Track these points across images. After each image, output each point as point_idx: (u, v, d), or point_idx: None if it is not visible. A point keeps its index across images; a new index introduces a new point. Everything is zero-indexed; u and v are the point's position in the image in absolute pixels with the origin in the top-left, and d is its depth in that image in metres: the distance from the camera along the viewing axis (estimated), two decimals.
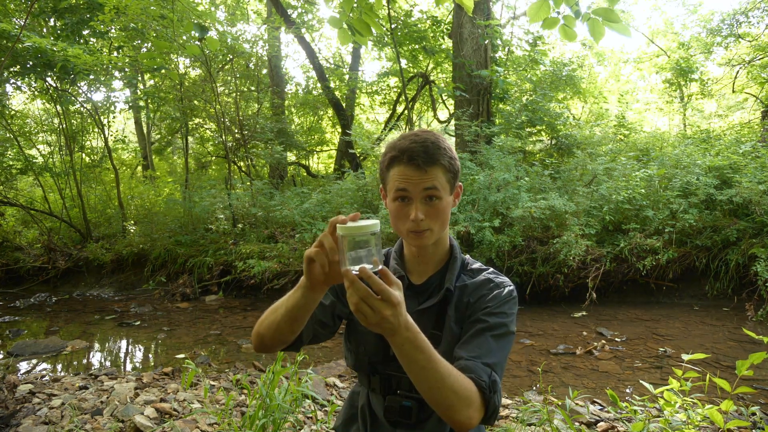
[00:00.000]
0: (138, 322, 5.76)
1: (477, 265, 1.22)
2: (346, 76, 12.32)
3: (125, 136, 13.29)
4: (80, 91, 9.44)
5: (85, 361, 4.52)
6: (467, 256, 1.25)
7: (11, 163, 9.71)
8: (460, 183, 1.17)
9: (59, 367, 4.30)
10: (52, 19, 8.67)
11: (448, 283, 1.15)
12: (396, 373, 1.15)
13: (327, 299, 1.20)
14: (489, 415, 1.00)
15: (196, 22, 5.34)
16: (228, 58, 9.92)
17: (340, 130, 12.17)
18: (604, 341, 4.61)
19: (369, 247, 0.90)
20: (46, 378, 3.72)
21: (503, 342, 1.08)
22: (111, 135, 10.76)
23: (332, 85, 11.72)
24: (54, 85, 8.99)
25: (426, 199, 1.08)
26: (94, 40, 9.14)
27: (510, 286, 1.15)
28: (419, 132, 1.12)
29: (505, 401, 3.19)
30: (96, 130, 10.47)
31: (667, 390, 2.07)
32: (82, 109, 9.82)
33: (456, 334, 1.12)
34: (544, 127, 9.24)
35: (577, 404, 2.89)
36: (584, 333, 4.95)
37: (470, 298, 1.14)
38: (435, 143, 1.08)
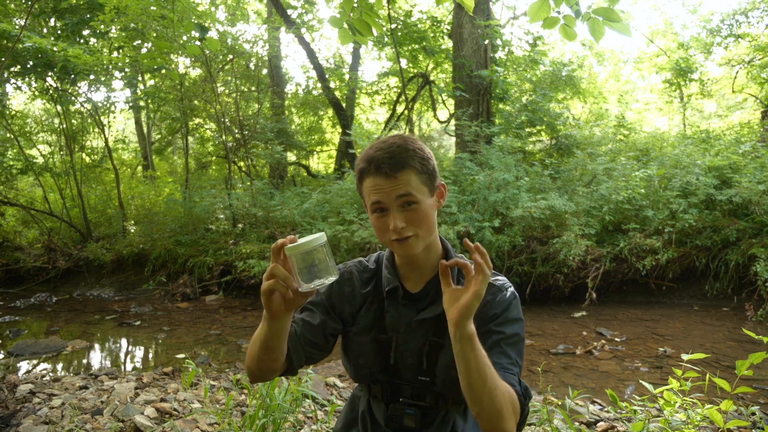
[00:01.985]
0: (138, 322, 5.76)
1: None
2: (346, 76, 12.32)
3: (125, 136, 13.31)
4: (80, 91, 9.44)
5: (85, 361, 4.53)
6: (462, 257, 1.22)
7: (11, 163, 9.72)
8: (442, 182, 1.12)
9: (59, 367, 4.30)
10: (52, 20, 8.67)
11: None
12: (397, 381, 1.14)
13: (315, 319, 1.15)
14: (521, 422, 1.00)
15: (196, 22, 5.35)
16: (228, 58, 9.92)
17: (340, 130, 12.17)
18: (604, 341, 4.61)
19: (321, 260, 0.88)
20: (47, 378, 3.72)
21: (519, 348, 1.07)
22: (111, 135, 10.77)
23: (332, 85, 11.72)
24: (54, 85, 8.98)
25: (403, 205, 1.03)
26: (95, 41, 9.14)
27: (510, 286, 1.14)
28: (387, 138, 1.07)
29: None
30: (96, 130, 10.47)
31: (667, 390, 2.08)
32: (82, 109, 9.83)
33: None
34: (544, 127, 9.24)
35: (577, 404, 2.89)
36: (584, 333, 4.95)
37: None
38: (402, 146, 1.03)
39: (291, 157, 13.05)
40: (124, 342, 5.24)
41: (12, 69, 7.98)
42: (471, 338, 0.91)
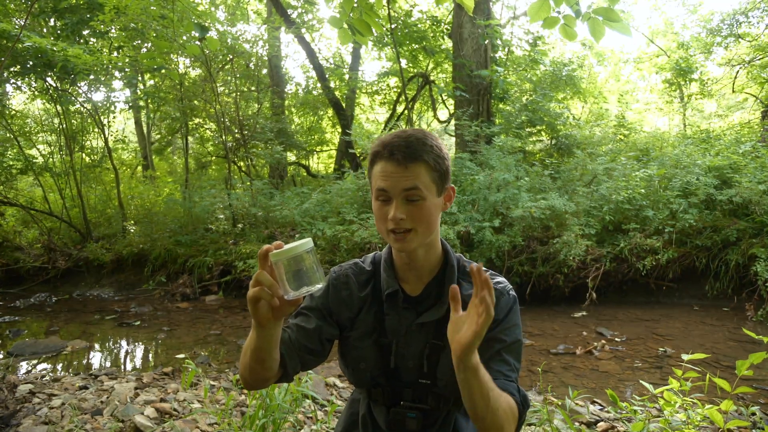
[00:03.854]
0: (138, 322, 5.76)
1: None
2: (346, 76, 12.31)
3: (125, 136, 13.29)
4: (80, 91, 9.44)
5: (85, 361, 4.52)
6: (460, 256, 1.20)
7: (11, 163, 9.71)
8: (452, 185, 1.10)
9: (59, 367, 4.30)
10: (52, 19, 8.67)
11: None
12: (398, 384, 1.13)
13: (310, 323, 1.12)
14: (518, 427, 1.01)
15: (196, 22, 5.35)
16: (228, 58, 9.92)
17: (340, 130, 12.17)
18: (604, 341, 4.61)
19: (308, 266, 0.86)
20: (46, 378, 3.72)
21: (518, 352, 1.08)
22: (111, 135, 10.76)
23: (332, 85, 11.72)
24: (54, 85, 8.98)
25: (407, 198, 1.01)
26: (94, 40, 9.14)
27: (510, 289, 1.13)
28: (408, 129, 1.06)
29: None
30: (96, 130, 10.47)
31: (667, 390, 2.07)
32: (82, 109, 9.82)
33: None
34: (544, 127, 9.25)
35: (577, 404, 2.89)
36: (584, 333, 4.95)
37: None
38: (420, 139, 1.02)
39: (291, 157, 13.05)
40: (124, 342, 5.24)
41: (12, 69, 7.97)
42: (475, 369, 0.90)
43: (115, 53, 9.36)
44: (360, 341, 1.15)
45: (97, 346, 5.04)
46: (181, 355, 4.47)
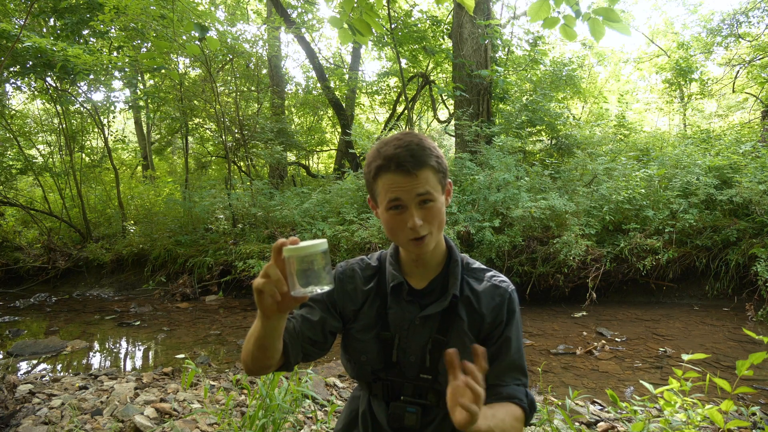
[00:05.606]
0: (138, 322, 5.76)
1: (477, 264, 1.20)
2: (346, 76, 12.32)
3: (125, 136, 13.30)
4: (80, 91, 9.44)
5: (85, 361, 4.52)
6: (465, 255, 1.22)
7: (11, 163, 9.72)
8: (450, 180, 1.14)
9: (59, 367, 4.30)
10: (52, 19, 8.67)
11: (453, 289, 1.12)
12: (398, 379, 1.14)
13: (315, 315, 1.14)
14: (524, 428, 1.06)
15: (196, 22, 5.34)
16: (228, 58, 9.92)
17: (340, 130, 12.17)
18: (604, 341, 4.61)
19: (318, 267, 0.87)
20: (46, 378, 3.72)
21: (523, 350, 1.12)
22: (111, 135, 10.76)
23: (332, 85, 11.72)
24: (54, 85, 8.99)
25: (420, 204, 1.04)
26: (94, 40, 9.14)
27: (511, 287, 1.15)
28: (400, 135, 1.07)
29: None
30: (96, 130, 10.48)
31: (667, 390, 2.07)
32: (82, 109, 9.83)
33: (471, 340, 1.11)
34: (544, 127, 9.24)
35: (577, 404, 2.89)
36: (584, 333, 4.95)
37: (482, 308, 1.12)
38: (420, 144, 1.04)
39: (291, 157, 13.05)
40: (123, 342, 5.24)
41: (12, 69, 7.97)
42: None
43: (115, 53, 9.35)
44: (362, 334, 1.16)
45: (97, 346, 5.04)
46: (181, 355, 4.47)
